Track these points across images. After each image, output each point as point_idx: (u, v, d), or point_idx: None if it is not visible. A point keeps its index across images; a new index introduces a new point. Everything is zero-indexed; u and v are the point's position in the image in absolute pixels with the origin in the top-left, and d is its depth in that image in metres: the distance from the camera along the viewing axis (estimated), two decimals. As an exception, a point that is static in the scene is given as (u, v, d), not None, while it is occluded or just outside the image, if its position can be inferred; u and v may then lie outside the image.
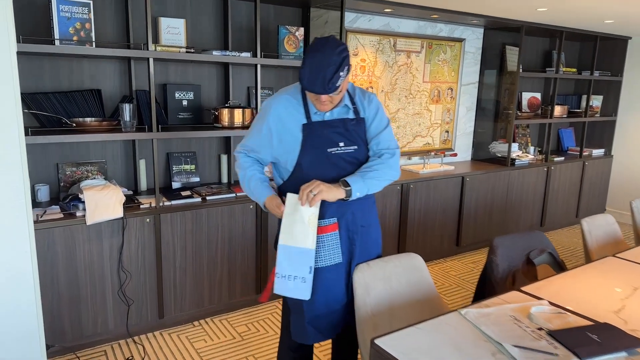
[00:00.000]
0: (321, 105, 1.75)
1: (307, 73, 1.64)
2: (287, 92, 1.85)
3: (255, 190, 1.85)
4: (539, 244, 2.38)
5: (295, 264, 1.75)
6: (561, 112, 4.94)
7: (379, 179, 1.79)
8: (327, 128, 1.80)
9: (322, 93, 1.66)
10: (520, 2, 3.39)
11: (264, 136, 1.83)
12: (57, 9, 2.43)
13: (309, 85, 1.65)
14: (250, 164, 1.89)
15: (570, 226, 5.25)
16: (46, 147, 2.76)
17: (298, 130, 1.79)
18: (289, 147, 1.80)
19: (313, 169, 1.78)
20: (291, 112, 1.81)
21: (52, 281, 2.48)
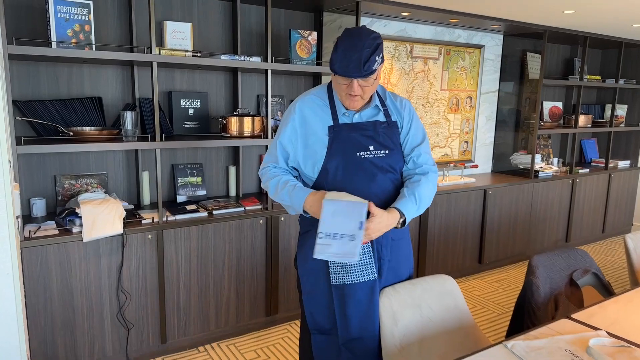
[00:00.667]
0: (352, 100, 1.58)
1: (341, 56, 1.50)
2: (313, 93, 1.70)
3: (295, 190, 1.60)
4: (582, 263, 2.14)
5: (343, 219, 1.47)
6: (585, 121, 4.70)
7: (426, 205, 1.64)
8: (356, 130, 1.62)
9: (357, 76, 1.50)
10: (546, 4, 3.19)
11: (288, 139, 1.66)
12: (54, 9, 2.26)
13: (342, 68, 1.50)
14: (283, 172, 1.69)
15: (596, 242, 4.97)
16: (43, 159, 2.58)
17: (324, 133, 1.62)
18: (314, 151, 1.62)
19: (340, 175, 1.60)
20: (317, 113, 1.65)
21: (45, 303, 2.28)
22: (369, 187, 1.62)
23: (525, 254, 4.29)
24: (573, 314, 1.67)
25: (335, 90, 1.64)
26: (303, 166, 1.67)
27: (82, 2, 2.32)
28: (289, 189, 1.61)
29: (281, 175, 1.67)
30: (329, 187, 1.61)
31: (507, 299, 3.52)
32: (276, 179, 1.66)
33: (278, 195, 1.65)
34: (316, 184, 1.65)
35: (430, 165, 1.71)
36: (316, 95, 1.69)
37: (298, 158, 1.67)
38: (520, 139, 4.50)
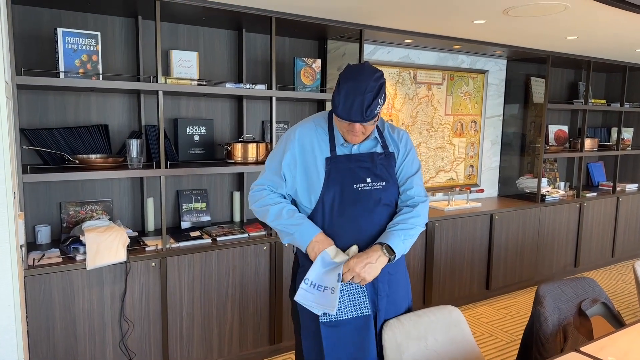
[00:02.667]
0: (353, 136, 1.58)
1: (343, 100, 1.49)
2: (313, 121, 1.69)
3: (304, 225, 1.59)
4: (590, 293, 2.10)
5: (329, 275, 1.55)
6: (591, 145, 4.68)
7: (415, 237, 1.64)
8: (354, 162, 1.62)
9: (360, 121, 1.50)
10: (548, 30, 3.22)
11: (286, 166, 1.64)
12: (62, 40, 2.31)
13: (345, 113, 1.49)
14: (280, 199, 1.67)
15: (606, 266, 4.89)
16: (49, 186, 2.60)
17: (322, 164, 1.61)
18: (312, 181, 1.61)
19: (337, 207, 1.59)
20: (316, 143, 1.64)
21: (47, 332, 2.26)
22: (366, 219, 1.61)
23: (534, 279, 4.23)
24: (582, 347, 1.63)
25: (336, 124, 1.63)
26: (300, 195, 1.65)
27: (90, 33, 2.37)
28: (298, 220, 1.60)
29: (286, 204, 1.65)
30: (326, 219, 1.60)
31: (515, 327, 3.45)
32: (279, 205, 1.64)
33: (281, 222, 1.62)
34: (312, 215, 1.63)
35: (421, 196, 1.70)
36: (316, 124, 1.68)
37: (296, 186, 1.65)
38: (526, 162, 4.48)
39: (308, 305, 1.57)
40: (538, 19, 2.88)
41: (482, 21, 2.95)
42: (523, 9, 2.63)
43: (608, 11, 2.67)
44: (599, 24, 2.98)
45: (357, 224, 1.59)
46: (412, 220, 1.62)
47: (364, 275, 1.53)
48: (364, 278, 1.53)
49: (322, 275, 1.56)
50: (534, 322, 1.92)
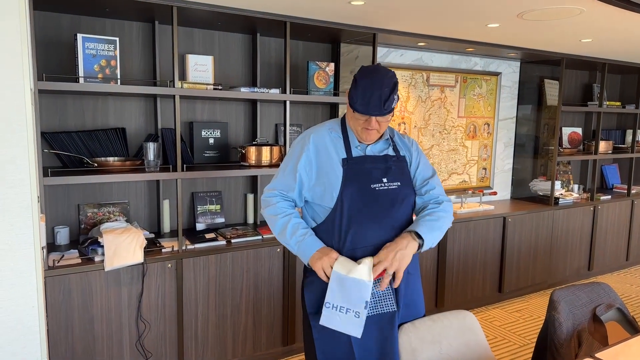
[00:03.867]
0: (368, 134, 1.63)
1: (360, 94, 1.56)
2: (326, 126, 1.74)
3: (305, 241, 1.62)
4: (605, 298, 2.09)
5: (350, 295, 1.55)
6: (606, 147, 4.64)
7: (442, 230, 1.66)
8: (369, 163, 1.66)
9: (378, 114, 1.56)
10: (563, 34, 3.20)
11: (302, 169, 1.67)
12: (82, 46, 2.36)
13: (363, 107, 1.56)
14: (292, 209, 1.70)
15: (620, 270, 4.84)
16: (67, 188, 2.65)
17: (338, 165, 1.65)
18: (329, 183, 1.64)
19: (356, 206, 1.62)
20: (331, 145, 1.68)
21: (66, 332, 2.31)
22: (384, 218, 1.64)
23: (547, 282, 4.21)
24: (597, 353, 1.63)
25: (350, 124, 1.68)
26: (317, 197, 1.67)
27: (109, 39, 2.42)
28: (299, 238, 1.62)
29: (291, 217, 1.66)
30: (345, 218, 1.61)
31: (528, 330, 3.44)
32: (285, 219, 1.66)
33: (284, 237, 1.66)
34: (331, 215, 1.65)
35: (445, 196, 1.75)
36: (330, 129, 1.72)
37: (312, 189, 1.68)
38: (539, 165, 4.46)
39: (333, 327, 1.57)
40: (553, 22, 2.87)
41: (496, 24, 2.95)
42: (538, 12, 2.63)
43: (624, 14, 2.65)
44: (615, 27, 2.97)
45: (377, 222, 1.61)
46: (439, 213, 1.66)
47: (397, 263, 1.53)
48: (398, 267, 1.53)
49: (341, 296, 1.55)
50: (548, 327, 1.93)
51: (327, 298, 1.57)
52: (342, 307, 1.56)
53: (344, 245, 1.63)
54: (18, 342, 1.53)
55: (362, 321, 1.55)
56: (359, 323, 1.55)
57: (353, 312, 1.55)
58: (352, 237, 1.62)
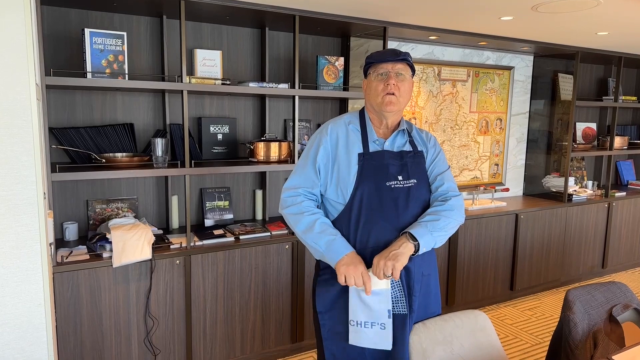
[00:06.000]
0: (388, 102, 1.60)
1: (374, 54, 1.65)
2: (345, 118, 1.72)
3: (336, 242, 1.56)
4: (622, 297, 2.03)
5: (371, 308, 1.53)
6: (621, 143, 4.55)
7: (447, 229, 1.59)
8: (386, 159, 1.63)
9: (394, 59, 1.60)
10: (578, 26, 3.13)
11: (320, 160, 1.64)
12: (90, 41, 2.34)
13: (379, 56, 1.62)
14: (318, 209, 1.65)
15: (635, 268, 4.75)
16: (76, 184, 2.65)
17: (354, 160, 1.62)
18: (345, 177, 1.61)
19: (369, 203, 1.58)
20: (349, 138, 1.66)
21: (74, 328, 2.31)
22: (398, 217, 1.60)
23: (560, 280, 4.14)
24: (614, 355, 1.59)
25: (371, 100, 1.66)
26: (331, 191, 1.64)
27: (117, 34, 2.40)
28: (329, 237, 1.56)
29: (320, 215, 1.61)
30: (358, 216, 1.58)
31: (540, 329, 3.39)
32: (313, 217, 1.60)
33: (311, 235, 1.58)
34: (344, 211, 1.62)
35: (454, 191, 1.69)
36: (347, 122, 1.70)
37: (328, 181, 1.65)
38: (552, 161, 4.38)
39: (363, 344, 1.55)
40: (568, 14, 2.80)
41: (509, 17, 2.89)
42: (553, 5, 2.56)
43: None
44: (633, 19, 2.88)
45: (390, 221, 1.58)
46: (443, 212, 1.60)
47: (391, 261, 1.48)
48: (394, 265, 1.48)
49: (363, 311, 1.53)
50: (562, 328, 1.88)
51: (350, 316, 1.55)
52: (367, 322, 1.54)
53: (355, 244, 1.60)
54: (25, 340, 1.52)
55: (389, 332, 1.53)
56: (386, 335, 1.53)
57: (378, 325, 1.53)
58: (364, 236, 1.59)
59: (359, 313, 1.54)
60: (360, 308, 1.54)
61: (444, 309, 3.52)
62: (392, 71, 1.60)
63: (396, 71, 1.60)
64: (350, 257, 1.54)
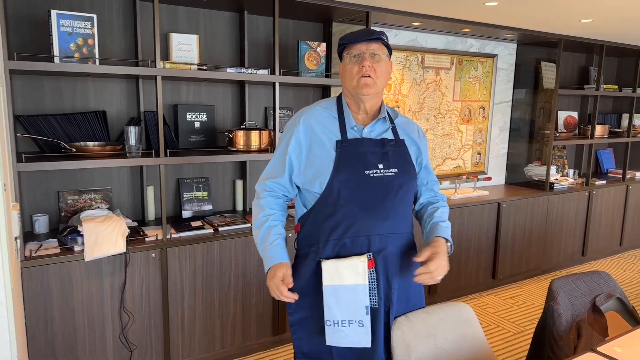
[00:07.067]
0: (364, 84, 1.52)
1: (350, 34, 1.55)
2: (321, 105, 1.63)
3: (268, 251, 1.56)
4: (605, 287, 2.02)
5: (348, 304, 1.48)
6: (602, 132, 4.57)
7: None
8: (365, 147, 1.55)
9: (367, 38, 1.50)
10: (561, 13, 3.09)
11: (292, 152, 1.57)
12: (57, 23, 2.21)
13: (352, 36, 1.53)
14: (275, 209, 1.62)
15: (614, 255, 4.82)
16: (46, 174, 2.53)
17: (331, 147, 1.54)
18: (321, 166, 1.53)
19: (347, 194, 1.51)
20: (324, 126, 1.57)
21: (45, 325, 2.21)
22: (377, 207, 1.53)
23: (541, 268, 4.17)
24: (598, 347, 1.56)
25: (347, 84, 1.57)
26: (308, 182, 1.57)
27: (86, 16, 2.27)
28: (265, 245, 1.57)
29: (269, 217, 1.60)
30: (336, 206, 1.52)
31: (522, 317, 3.40)
32: (263, 219, 1.59)
33: (257, 239, 1.61)
34: (321, 201, 1.54)
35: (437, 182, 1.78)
36: (324, 108, 1.61)
37: (302, 173, 1.58)
38: (534, 149, 4.38)
39: (341, 344, 1.50)
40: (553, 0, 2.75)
41: (494, 3, 2.83)
42: (538, -10, 2.51)
43: (627, -8, 2.55)
44: (617, 5, 2.86)
45: (368, 212, 1.51)
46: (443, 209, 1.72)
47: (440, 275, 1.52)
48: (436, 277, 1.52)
49: (339, 310, 1.48)
50: (546, 319, 1.86)
51: (326, 316, 1.49)
52: (344, 321, 1.48)
53: (332, 234, 1.53)
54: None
55: (367, 329, 1.48)
56: (365, 332, 1.48)
57: (356, 323, 1.48)
58: (341, 227, 1.52)
59: (335, 312, 1.48)
60: (336, 306, 1.48)
61: (427, 299, 3.50)
62: (366, 52, 1.51)
63: (371, 52, 1.51)
64: (274, 269, 1.53)
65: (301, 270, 1.60)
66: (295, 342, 1.63)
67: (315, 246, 1.56)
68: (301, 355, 1.62)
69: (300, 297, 1.57)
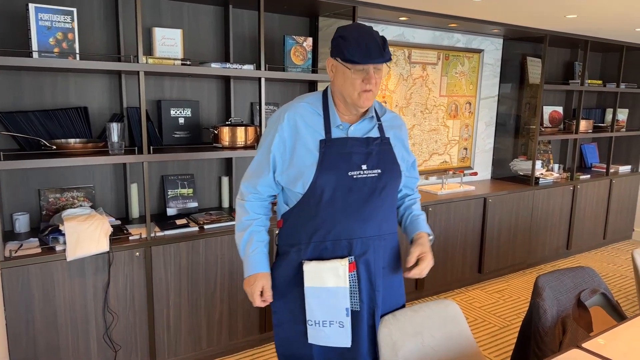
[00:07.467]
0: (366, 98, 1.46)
1: (355, 44, 1.37)
2: (306, 100, 1.55)
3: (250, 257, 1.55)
4: (589, 282, 2.04)
5: (329, 306, 1.49)
6: (586, 126, 4.61)
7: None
8: (350, 147, 1.51)
9: (381, 60, 1.39)
10: (547, 8, 3.10)
11: (275, 150, 1.52)
12: (35, 17, 2.15)
13: (361, 55, 1.37)
14: (259, 212, 1.60)
15: (597, 248, 4.88)
16: (26, 172, 2.47)
17: (315, 147, 1.49)
18: (303, 166, 1.48)
19: (329, 196, 1.47)
20: (309, 124, 1.51)
21: (26, 326, 2.16)
22: (359, 209, 1.50)
23: (526, 262, 4.21)
24: (584, 343, 1.58)
25: (346, 92, 1.47)
26: (290, 182, 1.52)
27: (65, 10, 2.21)
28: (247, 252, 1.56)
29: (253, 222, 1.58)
30: (318, 208, 1.48)
31: (508, 311, 3.43)
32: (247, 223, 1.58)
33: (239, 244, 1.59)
34: (303, 202, 1.51)
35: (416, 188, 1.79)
36: (309, 104, 1.54)
37: (285, 172, 1.52)
38: (520, 144, 4.41)
39: (322, 343, 1.52)
40: (538, -4, 2.76)
41: (480, -2, 2.83)
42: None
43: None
44: (601, 1, 2.87)
45: (350, 214, 1.49)
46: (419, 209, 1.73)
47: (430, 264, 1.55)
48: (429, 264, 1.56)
49: (320, 310, 1.49)
50: (532, 315, 1.87)
51: (308, 315, 1.51)
52: (325, 322, 1.49)
53: (313, 236, 1.51)
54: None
55: (347, 330, 1.49)
56: (345, 333, 1.50)
57: (337, 323, 1.49)
58: (322, 229, 1.49)
59: (317, 312, 1.49)
60: (318, 307, 1.49)
61: (414, 294, 3.52)
62: (373, 68, 1.43)
63: (377, 67, 1.44)
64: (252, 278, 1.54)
65: (283, 270, 1.57)
66: (277, 342, 1.61)
67: (296, 246, 1.54)
68: (283, 357, 1.62)
69: (283, 297, 1.56)
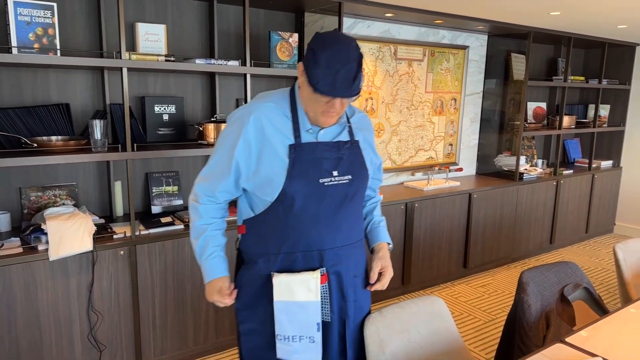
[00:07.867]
0: (328, 117, 1.38)
1: (323, 71, 1.26)
2: (271, 100, 1.43)
3: (208, 263, 1.50)
4: (572, 277, 2.07)
5: (299, 320, 1.43)
6: (569, 122, 4.68)
7: None
8: (320, 152, 1.42)
9: (347, 96, 1.30)
10: (531, 6, 3.12)
11: (239, 155, 1.39)
12: (14, 12, 2.10)
13: (328, 87, 1.27)
14: (214, 215, 1.51)
15: (580, 242, 4.97)
16: (7, 170, 2.42)
17: (284, 153, 1.38)
18: (272, 173, 1.38)
19: (301, 204, 1.39)
20: (277, 126, 1.40)
21: (8, 327, 2.13)
22: (330, 218, 1.43)
23: (510, 256, 4.26)
24: (567, 337, 1.60)
25: (307, 107, 1.39)
26: (258, 188, 1.42)
27: (45, 4, 2.16)
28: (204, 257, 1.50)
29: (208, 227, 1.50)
30: (288, 217, 1.40)
31: (493, 305, 3.47)
32: (203, 227, 1.49)
33: (194, 249, 1.53)
34: (271, 209, 1.42)
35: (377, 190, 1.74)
36: (275, 104, 1.42)
37: (251, 179, 1.41)
38: (504, 140, 4.45)
39: (292, 358, 1.47)
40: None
41: (465, -5, 2.84)
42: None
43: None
44: (584, -1, 2.91)
45: (321, 224, 1.42)
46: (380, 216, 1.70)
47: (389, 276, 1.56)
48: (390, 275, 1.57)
49: (290, 325, 1.44)
50: (517, 310, 1.89)
51: (277, 330, 1.44)
52: (295, 337, 1.44)
53: (282, 246, 1.43)
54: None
55: (318, 345, 1.45)
56: (315, 348, 1.45)
57: (307, 338, 1.44)
58: (292, 239, 1.42)
59: (287, 327, 1.44)
60: (288, 322, 1.43)
61: (400, 289, 3.55)
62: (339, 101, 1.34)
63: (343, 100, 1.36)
64: (213, 284, 1.50)
65: (251, 280, 1.50)
66: (244, 352, 1.55)
67: (264, 257, 1.46)
68: None
69: (250, 308, 1.50)
